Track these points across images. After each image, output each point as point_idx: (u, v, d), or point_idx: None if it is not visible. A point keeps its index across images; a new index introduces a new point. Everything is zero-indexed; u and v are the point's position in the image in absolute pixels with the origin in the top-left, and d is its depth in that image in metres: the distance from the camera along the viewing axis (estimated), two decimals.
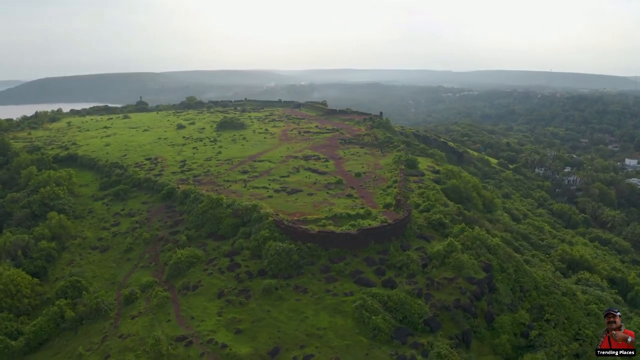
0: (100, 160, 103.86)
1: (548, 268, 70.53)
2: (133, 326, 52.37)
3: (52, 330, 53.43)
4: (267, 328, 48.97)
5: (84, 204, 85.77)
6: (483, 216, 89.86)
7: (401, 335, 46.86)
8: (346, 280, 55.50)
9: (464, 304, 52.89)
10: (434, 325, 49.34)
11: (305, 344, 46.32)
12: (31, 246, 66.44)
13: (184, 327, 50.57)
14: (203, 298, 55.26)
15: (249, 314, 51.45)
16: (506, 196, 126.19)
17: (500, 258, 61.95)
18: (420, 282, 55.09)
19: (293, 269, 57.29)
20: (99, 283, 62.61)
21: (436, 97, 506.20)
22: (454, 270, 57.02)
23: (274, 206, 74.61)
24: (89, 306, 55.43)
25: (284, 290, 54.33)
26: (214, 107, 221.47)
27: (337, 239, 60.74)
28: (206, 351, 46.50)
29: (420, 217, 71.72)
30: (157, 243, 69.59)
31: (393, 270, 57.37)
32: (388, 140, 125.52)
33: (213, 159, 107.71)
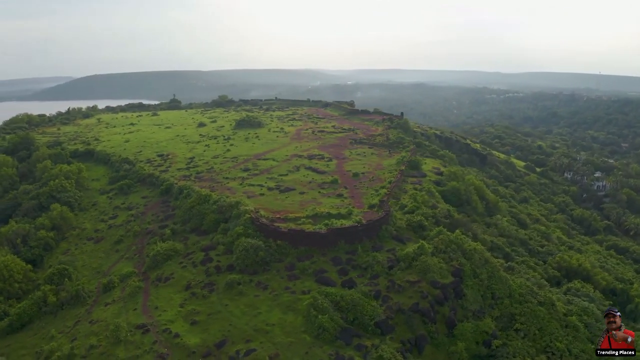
0: (113, 156, 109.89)
1: (533, 275, 68.42)
2: (104, 313, 55.99)
3: (35, 313, 57.84)
4: (221, 321, 51.03)
5: (91, 197, 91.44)
6: (481, 219, 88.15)
7: (346, 336, 47.52)
8: (308, 279, 56.65)
9: (422, 309, 52.73)
10: (385, 328, 49.57)
11: (251, 338, 47.97)
12: (31, 235, 71.95)
13: (146, 315, 53.54)
14: (171, 289, 58.14)
15: (208, 306, 53.74)
16: (524, 200, 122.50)
17: (475, 263, 60.96)
18: (382, 283, 55.38)
19: (259, 266, 59.10)
20: (86, 272, 66.99)
21: (480, 99, 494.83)
22: (419, 274, 56.88)
23: (262, 204, 76.77)
24: (70, 293, 59.63)
25: (246, 286, 56.25)
26: (242, 105, 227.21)
27: (306, 237, 61.97)
28: (159, 339, 49.16)
29: (403, 218, 71.62)
30: (146, 236, 73.36)
31: (358, 270, 57.95)
32: (399, 140, 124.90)
33: (220, 156, 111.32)
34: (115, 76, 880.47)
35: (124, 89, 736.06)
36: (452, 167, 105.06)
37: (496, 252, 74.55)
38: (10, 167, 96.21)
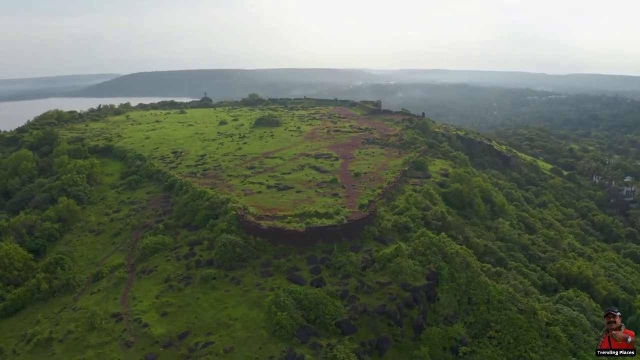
0: (129, 152, 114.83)
1: (522, 282, 66.49)
2: (87, 301, 59.33)
3: (28, 299, 62.06)
4: (188, 313, 53.03)
5: (101, 191, 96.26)
6: (481, 223, 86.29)
7: (303, 334, 48.24)
8: (280, 276, 57.74)
9: (389, 311, 52.65)
10: (346, 328, 49.93)
11: (213, 331, 49.67)
12: (37, 226, 76.85)
13: (123, 305, 56.35)
14: (152, 281, 60.76)
15: (181, 299, 55.89)
16: (542, 204, 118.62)
17: (455, 267, 60.07)
18: (351, 284, 55.66)
19: (236, 261, 60.75)
20: (82, 262, 70.95)
21: (521, 100, 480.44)
22: (391, 275, 56.74)
23: (256, 201, 78.52)
24: (62, 281, 63.51)
25: (220, 280, 58.06)
26: (270, 104, 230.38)
27: (285, 235, 63.06)
28: (129, 328, 51.76)
29: (391, 219, 71.39)
30: (142, 230, 76.65)
31: (331, 270, 58.48)
32: (413, 141, 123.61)
33: (230, 154, 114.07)
34: (159, 74, 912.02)
35: (167, 87, 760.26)
36: (458, 169, 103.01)
37: (489, 256, 72.94)
38: (30, 162, 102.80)
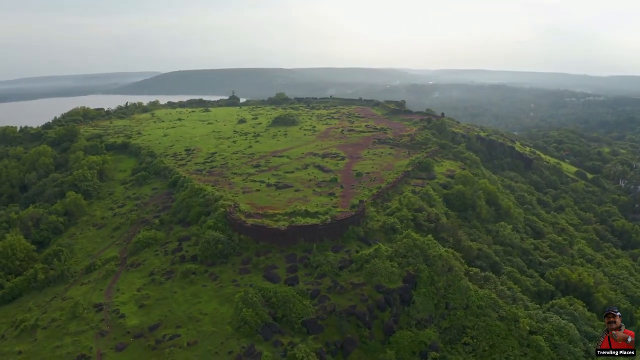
0: (143, 149, 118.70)
1: (511, 287, 64.55)
2: (76, 291, 62.20)
3: (25, 288, 65.64)
4: (163, 306, 54.76)
5: (111, 187, 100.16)
6: (482, 226, 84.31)
7: (267, 332, 48.89)
8: (257, 274, 58.60)
9: (358, 312, 52.54)
10: (312, 328, 50.21)
11: (182, 324, 51.14)
12: (43, 219, 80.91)
13: (107, 296, 58.76)
14: (138, 275, 63.01)
15: (159, 292, 57.75)
16: (560, 208, 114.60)
17: (436, 270, 59.14)
18: (325, 283, 55.83)
19: (217, 257, 62.10)
20: (81, 254, 74.25)
21: (559, 102, 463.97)
22: (366, 276, 56.57)
23: (252, 199, 79.82)
24: (57, 272, 66.73)
25: (200, 276, 59.56)
26: (295, 103, 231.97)
27: (267, 233, 63.87)
28: (107, 318, 54.04)
29: (380, 220, 71.02)
30: (140, 225, 79.35)
31: (308, 269, 58.79)
32: (425, 141, 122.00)
33: (240, 152, 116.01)
34: (198, 72, 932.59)
35: (205, 85, 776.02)
36: (464, 170, 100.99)
37: (481, 260, 71.23)
38: (48, 157, 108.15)
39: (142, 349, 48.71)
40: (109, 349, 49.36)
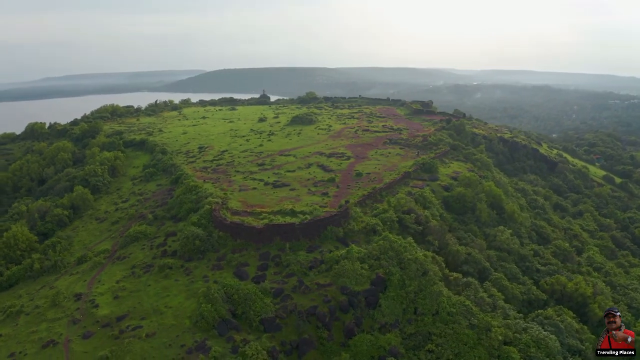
0: (157, 147, 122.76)
1: (493, 294, 62.38)
2: (64, 281, 65.48)
3: (21, 276, 69.59)
4: (135, 298, 56.81)
5: (121, 182, 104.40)
6: (480, 230, 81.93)
7: (223, 328, 49.76)
8: (228, 270, 59.68)
9: (319, 313, 52.50)
10: (269, 326, 50.64)
11: (146, 316, 52.90)
12: (49, 212, 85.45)
13: (88, 287, 61.55)
14: (121, 267, 65.59)
15: (135, 284, 59.92)
16: (578, 213, 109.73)
17: (409, 274, 57.99)
18: (290, 283, 56.12)
19: (195, 253, 63.72)
20: (78, 246, 78.03)
21: (603, 104, 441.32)
22: (333, 277, 56.41)
23: (246, 197, 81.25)
24: (51, 262, 70.43)
25: (175, 270, 61.33)
26: (323, 102, 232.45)
27: (244, 231, 64.83)
28: (82, 307, 56.65)
29: (365, 221, 70.44)
30: (136, 219, 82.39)
31: (278, 268, 59.25)
32: (437, 142, 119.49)
33: (249, 150, 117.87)
34: (243, 71, 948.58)
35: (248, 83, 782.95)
36: (472, 172, 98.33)
37: (469, 265, 69.19)
38: (67, 152, 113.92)
39: (106, 338, 50.76)
40: (76, 336, 51.79)
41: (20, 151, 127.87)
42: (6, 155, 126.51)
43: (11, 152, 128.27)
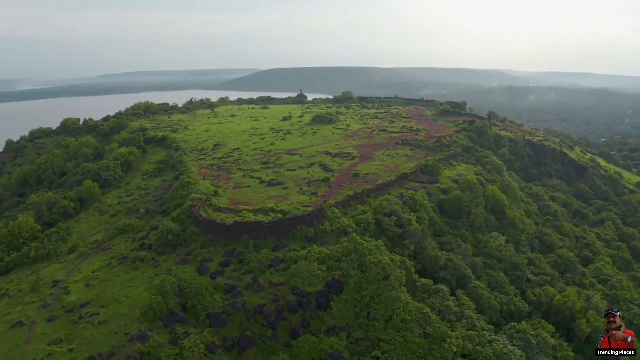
0: (174, 144, 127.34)
1: (465, 304, 60.06)
2: (51, 269, 70.17)
3: (18, 263, 74.79)
4: (102, 287, 60.13)
5: (132, 178, 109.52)
6: (473, 236, 79.14)
7: (169, 320, 51.45)
8: (192, 265, 61.60)
9: (266, 311, 53.06)
10: (215, 322, 51.80)
11: (106, 305, 55.89)
12: (58, 204, 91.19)
13: (68, 275, 65.56)
14: (102, 258, 69.37)
15: (108, 274, 63.28)
16: (600, 222, 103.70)
17: (368, 278, 57.01)
18: (245, 280, 57.03)
19: (167, 247, 66.28)
20: (75, 236, 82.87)
21: None
22: (288, 277, 56.75)
23: (236, 195, 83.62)
24: (45, 251, 75.35)
25: (146, 263, 64.13)
26: (357, 102, 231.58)
27: (215, 227, 66.44)
28: (56, 293, 60.56)
29: (341, 222, 69.95)
30: (132, 213, 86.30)
31: (240, 265, 60.32)
32: (450, 144, 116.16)
33: (259, 149, 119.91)
34: (296, 70, 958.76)
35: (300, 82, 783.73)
36: (479, 175, 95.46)
37: (447, 272, 67.01)
38: (89, 148, 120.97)
39: (67, 322, 54.19)
40: (43, 319, 55.62)
41: (51, 146, 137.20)
42: (38, 149, 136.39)
43: (43, 147, 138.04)
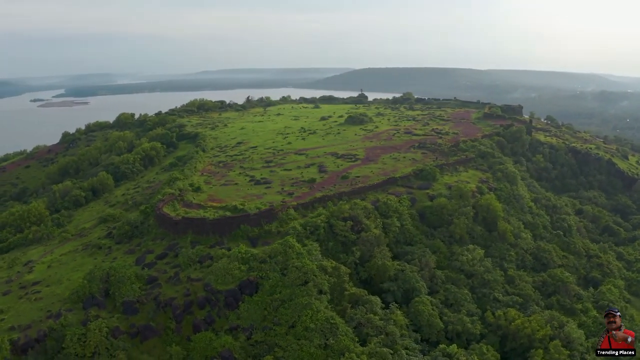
0: (201, 140, 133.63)
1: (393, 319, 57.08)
2: (34, 250, 78.34)
3: (17, 244, 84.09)
4: (57, 269, 67.09)
5: (149, 171, 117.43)
6: (446, 248, 74.78)
7: (88, 303, 56.11)
8: (135, 255, 66.03)
9: (175, 304, 55.39)
10: (127, 309, 55.34)
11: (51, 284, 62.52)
12: (70, 192, 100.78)
13: (41, 256, 72.92)
14: (76, 243, 76.50)
15: (68, 258, 70.08)
16: (632, 239, 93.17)
17: (286, 282, 56.90)
18: (169, 273, 59.87)
19: (124, 237, 71.35)
20: (74, 223, 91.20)
21: None
22: (205, 274, 58.45)
23: (217, 191, 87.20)
24: (41, 234, 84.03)
25: (102, 250, 70.00)
26: (414, 103, 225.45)
27: (166, 221, 70.05)
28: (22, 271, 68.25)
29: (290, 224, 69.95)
30: (123, 205, 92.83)
31: (174, 258, 63.16)
32: (468, 148, 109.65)
33: (272, 148, 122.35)
34: (387, 70, 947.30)
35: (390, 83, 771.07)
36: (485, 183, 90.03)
37: (394, 283, 64.35)
38: (125, 142, 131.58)
39: (15, 297, 61.03)
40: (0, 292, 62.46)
41: (100, 139, 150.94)
42: (88, 142, 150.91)
43: (94, 139, 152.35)
